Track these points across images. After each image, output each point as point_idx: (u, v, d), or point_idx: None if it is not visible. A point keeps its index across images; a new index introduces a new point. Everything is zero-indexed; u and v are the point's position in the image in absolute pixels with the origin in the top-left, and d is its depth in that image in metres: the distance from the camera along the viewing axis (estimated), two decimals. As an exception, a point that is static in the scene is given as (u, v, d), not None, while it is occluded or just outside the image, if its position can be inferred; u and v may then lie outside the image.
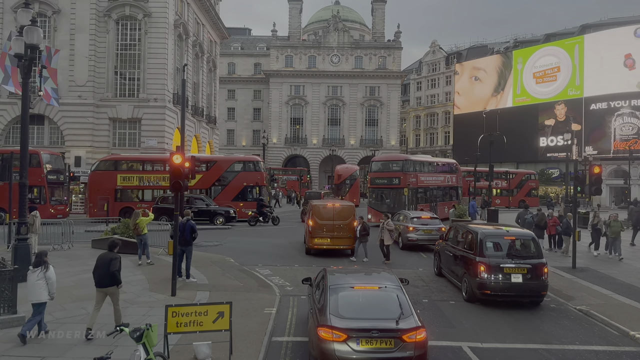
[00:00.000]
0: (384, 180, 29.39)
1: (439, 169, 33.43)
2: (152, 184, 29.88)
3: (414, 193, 28.47)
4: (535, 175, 51.11)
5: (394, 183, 28.49)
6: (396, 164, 29.75)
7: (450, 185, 33.88)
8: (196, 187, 29.54)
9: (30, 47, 11.97)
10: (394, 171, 29.13)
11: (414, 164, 30.03)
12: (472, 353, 8.61)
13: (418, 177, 29.13)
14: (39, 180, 27.22)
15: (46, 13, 35.63)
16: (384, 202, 28.68)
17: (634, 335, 9.59)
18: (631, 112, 53.66)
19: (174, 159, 11.48)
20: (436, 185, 32.05)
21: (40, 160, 27.53)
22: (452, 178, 34.05)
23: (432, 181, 31.49)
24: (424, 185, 30.23)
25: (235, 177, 30.94)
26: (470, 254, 12.13)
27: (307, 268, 15.41)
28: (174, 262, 11.61)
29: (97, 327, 8.94)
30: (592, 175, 16.55)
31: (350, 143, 70.94)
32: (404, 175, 28.20)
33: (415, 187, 28.73)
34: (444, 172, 33.65)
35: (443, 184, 33.05)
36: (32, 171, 26.27)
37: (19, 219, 12.46)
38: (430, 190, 31.23)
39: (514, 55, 64.12)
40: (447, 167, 35.01)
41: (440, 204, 31.84)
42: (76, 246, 18.32)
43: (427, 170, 31.48)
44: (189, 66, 40.88)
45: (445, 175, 33.64)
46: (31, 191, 27.10)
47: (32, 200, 26.85)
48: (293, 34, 74.32)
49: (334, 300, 7.36)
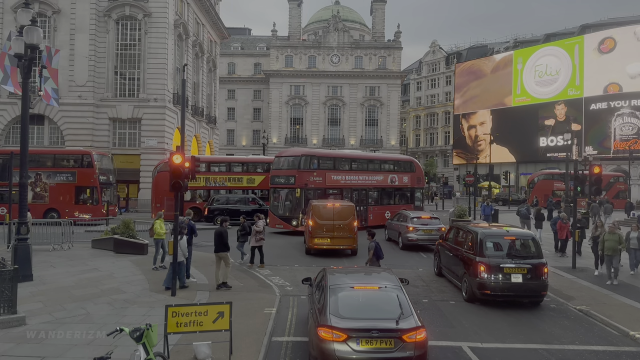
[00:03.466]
0: (282, 179, 24.96)
1: (375, 167, 29.08)
2: (217, 184, 30.75)
3: (319, 194, 24.38)
4: (623, 178, 48.08)
5: (290, 182, 24.40)
6: (294, 160, 25.18)
7: (396, 186, 29.19)
8: (259, 187, 30.72)
9: (30, 47, 11.97)
10: (290, 168, 24.84)
11: (319, 159, 25.85)
12: (472, 353, 8.61)
13: (327, 175, 25.22)
14: (92, 181, 27.46)
15: (46, 13, 35.62)
16: (284, 205, 24.87)
17: (634, 335, 9.59)
18: (631, 112, 53.67)
19: (174, 159, 11.47)
20: (368, 186, 27.64)
21: (93, 161, 27.69)
22: (402, 178, 29.54)
23: (359, 181, 27.14)
24: (341, 185, 26.05)
25: None
26: (470, 254, 12.13)
27: (307, 268, 15.41)
28: (174, 262, 11.61)
29: (97, 327, 8.96)
30: (592, 175, 16.55)
31: (350, 143, 70.92)
32: (299, 173, 24.13)
33: (322, 187, 24.82)
34: (385, 172, 29.25)
35: (382, 185, 28.42)
36: (85, 172, 27.09)
37: (19, 219, 12.46)
38: (358, 191, 26.81)
39: (514, 55, 64.12)
40: (392, 165, 30.47)
41: (376, 207, 27.61)
42: (76, 246, 18.33)
43: (348, 168, 27.22)
44: (189, 66, 40.88)
45: (389, 174, 29.14)
46: (84, 192, 27.58)
47: (85, 200, 27.48)
48: (293, 34, 74.31)
49: (334, 300, 7.36)
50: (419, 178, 30.84)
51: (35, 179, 27.00)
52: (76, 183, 27.44)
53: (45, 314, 9.74)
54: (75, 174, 27.49)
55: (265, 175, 28.96)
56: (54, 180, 27.32)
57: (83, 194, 27.67)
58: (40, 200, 27.18)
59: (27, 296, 10.77)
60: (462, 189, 58.14)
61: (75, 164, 28.07)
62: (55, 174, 27.51)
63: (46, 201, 27.11)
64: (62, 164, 28.23)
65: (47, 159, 28.42)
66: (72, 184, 27.38)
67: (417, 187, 30.62)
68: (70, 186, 27.34)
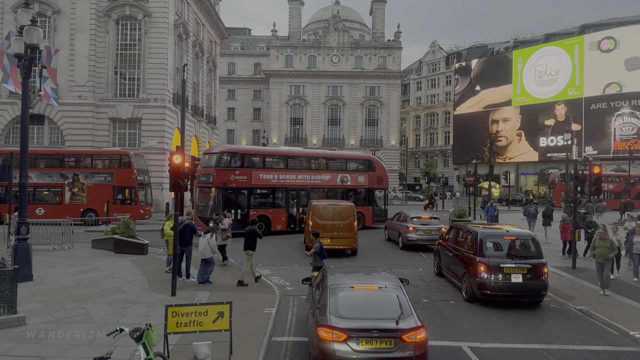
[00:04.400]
0: (204, 178, 23.41)
1: (320, 166, 26.91)
2: None
3: (242, 194, 23.17)
4: None
5: (209, 182, 22.98)
6: (212, 157, 23.66)
7: (349, 186, 26.88)
8: None
9: (30, 47, 11.97)
10: (209, 166, 23.34)
11: (244, 157, 23.95)
12: (472, 353, 8.61)
13: (254, 174, 23.60)
14: (130, 181, 27.49)
15: (46, 13, 35.60)
16: (205, 206, 23.25)
17: (634, 335, 9.60)
18: (631, 112, 53.67)
19: (174, 159, 11.47)
20: (311, 186, 25.51)
21: (131, 161, 27.67)
22: (356, 178, 27.30)
23: (298, 181, 25.05)
24: (273, 185, 24.33)
25: None
26: (470, 254, 12.14)
27: (307, 268, 15.36)
28: (174, 262, 11.62)
29: (97, 327, 8.96)
30: (592, 175, 16.55)
31: (350, 143, 70.93)
32: (217, 171, 22.70)
33: (247, 186, 23.36)
34: (334, 171, 26.96)
35: (330, 185, 26.31)
36: (123, 172, 27.29)
37: (19, 219, 12.46)
38: (296, 191, 24.92)
39: (514, 55, 64.11)
40: (343, 163, 28.06)
41: None
42: (76, 246, 18.33)
43: (284, 167, 25.26)
44: (189, 66, 40.86)
45: (338, 174, 26.81)
46: (122, 192, 27.72)
47: (123, 201, 27.45)
48: (293, 34, 74.32)
49: (334, 300, 7.36)
50: (379, 178, 28.05)
51: (72, 179, 27.21)
52: (114, 183, 27.53)
53: (45, 314, 9.74)
54: (114, 174, 27.61)
55: None
56: (92, 180, 27.39)
57: (121, 194, 27.82)
58: (78, 200, 27.29)
59: (27, 296, 10.78)
60: (462, 189, 58.11)
61: (113, 165, 28.12)
62: (93, 175, 27.61)
63: (84, 202, 27.19)
64: (100, 164, 28.51)
65: (85, 159, 28.58)
66: (110, 184, 27.46)
67: (378, 188, 27.92)
68: (109, 186, 27.40)
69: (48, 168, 27.73)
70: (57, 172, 27.40)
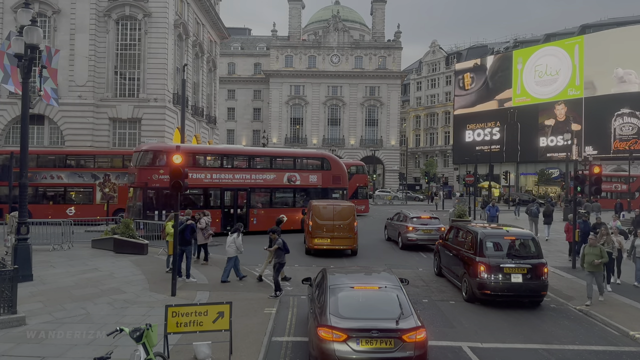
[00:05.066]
0: (131, 177, 22.92)
1: (264, 164, 25.44)
2: None
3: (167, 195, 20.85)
4: None
5: (133, 181, 22.24)
6: (135, 156, 22.74)
7: (299, 186, 25.32)
8: None
9: (30, 47, 11.97)
10: (134, 165, 22.41)
11: (168, 155, 20.37)
12: (472, 353, 8.61)
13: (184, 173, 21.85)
14: None
15: (46, 13, 35.59)
16: (131, 206, 22.18)
17: (634, 335, 9.60)
18: (631, 112, 53.65)
19: (174, 159, 11.48)
20: (252, 186, 23.96)
21: None
22: (307, 177, 25.72)
23: (236, 180, 23.63)
24: (206, 185, 22.96)
25: (352, 178, 35.14)
26: (470, 254, 12.14)
27: (307, 268, 15.42)
28: (174, 262, 11.61)
29: (97, 327, 8.96)
30: (592, 175, 16.55)
31: (350, 143, 70.93)
32: (139, 170, 21.73)
33: None
34: (280, 169, 25.27)
35: (275, 185, 24.72)
36: None
37: (19, 219, 12.46)
38: (234, 192, 23.52)
39: (514, 55, 64.10)
40: (291, 162, 26.19)
41: (263, 210, 24.02)
42: (76, 246, 18.31)
43: (219, 165, 23.82)
44: (189, 66, 40.86)
45: (285, 173, 25.13)
46: None
47: None
48: (293, 34, 74.32)
49: (334, 301, 7.36)
50: (336, 177, 26.21)
51: (103, 179, 27.31)
52: None
53: (45, 314, 9.74)
54: None
55: None
56: (123, 180, 27.18)
57: None
58: (110, 200, 27.51)
59: (27, 296, 10.78)
60: (462, 189, 58.10)
61: None
62: (124, 175, 27.51)
63: (115, 201, 27.21)
64: None
65: (116, 159, 28.72)
66: None
67: (335, 188, 26.02)
68: None
69: (79, 168, 27.98)
70: (88, 173, 27.64)
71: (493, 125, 64.35)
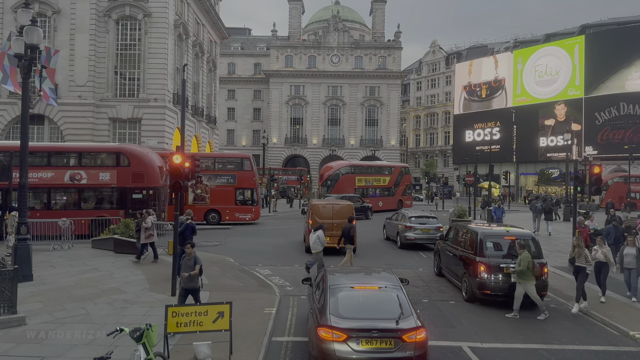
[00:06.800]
0: None
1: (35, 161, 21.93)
2: (373, 184, 40.73)
3: None
4: None
5: None
6: None
7: (84, 186, 22.50)
8: None
9: (30, 47, 11.97)
10: None
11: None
12: (472, 353, 8.61)
13: None
14: (251, 183, 28.76)
15: (46, 13, 35.58)
16: None
17: (634, 335, 9.60)
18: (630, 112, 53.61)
19: (174, 159, 11.49)
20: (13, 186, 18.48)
21: (252, 164, 29.20)
22: (96, 175, 22.78)
23: None
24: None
25: (402, 179, 42.74)
26: (470, 254, 12.14)
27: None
28: (174, 262, 11.61)
29: (97, 327, 8.96)
30: (592, 175, 16.55)
31: (350, 143, 70.92)
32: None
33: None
34: (58, 167, 22.48)
35: (49, 184, 22.02)
36: (245, 174, 28.91)
37: (19, 219, 12.45)
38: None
39: (514, 55, 64.09)
40: (74, 158, 23.25)
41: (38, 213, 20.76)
42: (76, 246, 18.32)
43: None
44: (189, 66, 40.85)
45: (65, 170, 22.47)
46: (243, 193, 28.93)
47: (244, 202, 28.55)
48: (293, 34, 74.31)
49: (334, 301, 7.36)
50: (137, 175, 22.62)
51: (196, 181, 27.27)
52: (236, 185, 28.52)
53: (45, 314, 9.75)
54: (236, 176, 28.65)
55: None
56: (215, 182, 28.25)
57: (242, 195, 28.77)
58: (202, 202, 28.03)
59: (27, 296, 10.78)
60: (462, 189, 58.07)
61: (235, 167, 29.27)
62: (216, 177, 28.49)
63: (207, 203, 27.96)
64: (223, 167, 29.53)
65: (208, 161, 29.26)
66: (233, 186, 28.44)
67: (135, 187, 22.71)
68: (231, 188, 28.38)
69: None
70: None
71: (493, 125, 64.45)
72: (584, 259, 11.36)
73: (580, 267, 11.40)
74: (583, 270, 11.35)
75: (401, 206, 40.17)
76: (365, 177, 40.28)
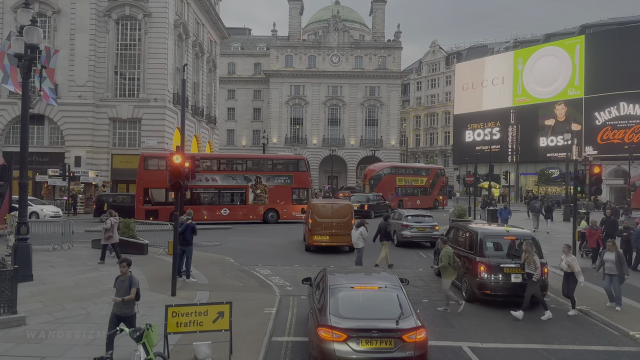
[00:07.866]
0: None
1: None
2: (411, 184, 42.85)
3: None
4: None
5: None
6: None
7: None
8: None
9: (30, 47, 11.96)
10: None
11: None
12: (472, 353, 8.61)
13: None
14: (306, 182, 30.56)
15: (46, 13, 35.60)
16: None
17: (634, 335, 9.60)
18: (630, 112, 53.62)
19: (174, 159, 11.47)
20: None
21: (307, 165, 31.20)
22: None
23: None
24: None
25: (438, 180, 45.01)
26: (470, 254, 12.14)
27: (307, 268, 15.43)
28: (174, 262, 11.61)
29: (97, 327, 8.96)
30: (592, 175, 16.56)
31: (351, 143, 70.90)
32: None
33: None
34: None
35: None
36: (301, 175, 30.67)
37: (19, 219, 12.45)
38: None
39: (514, 55, 64.09)
40: None
41: None
42: (76, 246, 18.31)
43: None
44: (189, 66, 40.86)
45: None
46: (299, 193, 30.23)
47: (299, 201, 29.84)
48: (293, 34, 74.28)
49: (334, 301, 7.36)
50: None
51: (255, 181, 29.11)
52: (292, 185, 29.94)
53: (45, 314, 9.74)
54: (292, 177, 30.11)
55: None
56: (273, 182, 29.51)
57: (298, 195, 30.04)
58: (260, 201, 29.27)
59: (27, 296, 10.77)
60: (462, 189, 58.06)
61: (292, 168, 30.70)
62: (274, 177, 29.77)
63: (265, 202, 29.25)
64: (280, 167, 30.97)
65: (267, 163, 31.07)
66: (289, 186, 29.85)
67: None
68: (287, 188, 29.79)
69: (233, 171, 29.61)
70: (241, 175, 29.32)
71: (493, 125, 64.48)
72: (533, 266, 10.62)
73: (530, 273, 10.67)
74: (530, 277, 10.64)
75: (437, 204, 43.73)
76: (405, 178, 42.96)
